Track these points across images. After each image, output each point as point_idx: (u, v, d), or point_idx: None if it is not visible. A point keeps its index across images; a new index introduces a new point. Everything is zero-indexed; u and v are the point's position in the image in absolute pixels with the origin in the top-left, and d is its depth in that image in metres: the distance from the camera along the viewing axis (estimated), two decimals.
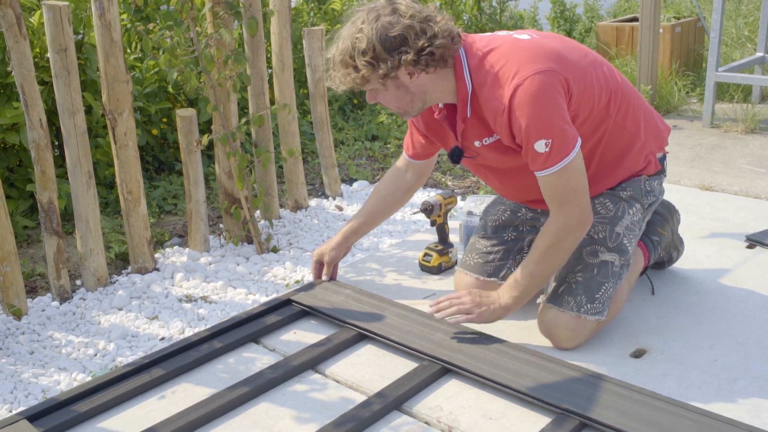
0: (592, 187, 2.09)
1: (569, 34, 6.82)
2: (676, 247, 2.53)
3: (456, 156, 2.17)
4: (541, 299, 2.16)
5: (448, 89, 2.02)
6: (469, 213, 2.83)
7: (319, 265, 2.56)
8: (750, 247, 2.79)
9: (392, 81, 1.97)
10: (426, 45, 1.90)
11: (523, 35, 2.02)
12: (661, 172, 2.21)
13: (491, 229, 2.37)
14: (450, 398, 1.94)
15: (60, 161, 3.39)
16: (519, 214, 2.34)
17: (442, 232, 2.72)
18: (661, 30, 5.10)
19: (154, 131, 3.83)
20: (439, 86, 2.01)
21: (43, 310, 2.61)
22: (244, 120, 3.00)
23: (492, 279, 2.33)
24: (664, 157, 2.23)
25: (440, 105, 2.12)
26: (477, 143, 2.10)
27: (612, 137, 2.09)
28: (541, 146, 1.89)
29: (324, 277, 2.54)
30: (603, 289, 2.08)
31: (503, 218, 2.36)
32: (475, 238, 2.40)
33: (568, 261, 2.10)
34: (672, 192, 3.43)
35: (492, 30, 5.77)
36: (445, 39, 1.92)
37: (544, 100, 1.88)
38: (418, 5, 1.95)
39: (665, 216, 2.44)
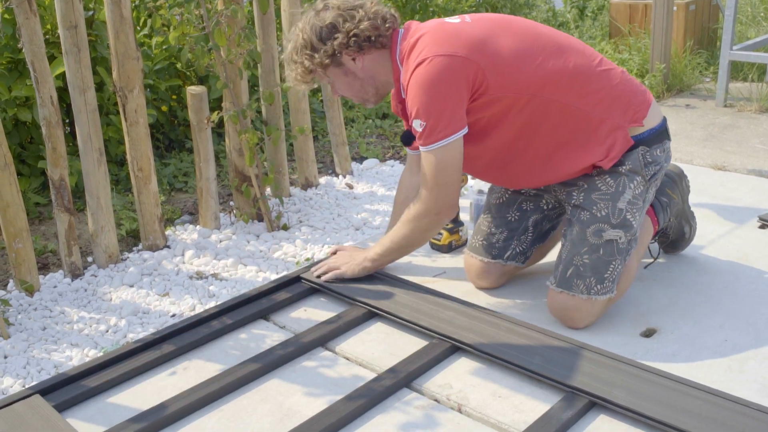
0: (558, 167, 2.11)
1: (582, 11, 6.75)
2: (687, 220, 2.49)
3: (406, 139, 2.30)
4: (549, 282, 2.16)
5: (390, 70, 2.18)
6: (480, 191, 2.82)
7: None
8: (762, 227, 2.77)
9: (338, 68, 2.17)
10: (353, 28, 2.10)
11: (454, 19, 2.12)
12: (663, 139, 2.15)
13: (494, 209, 2.36)
14: (459, 376, 1.95)
15: (71, 138, 3.40)
16: (522, 192, 2.33)
17: None
18: (675, 8, 5.04)
19: (164, 108, 3.82)
20: (382, 69, 2.18)
21: (55, 287, 2.63)
22: (254, 97, 2.99)
23: (497, 261, 2.33)
24: (663, 124, 2.16)
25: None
26: None
27: (560, 117, 2.06)
28: (417, 125, 2.03)
29: None
30: (611, 267, 2.08)
31: (506, 196, 2.35)
32: (481, 218, 2.40)
33: (572, 243, 2.11)
34: (684, 171, 3.40)
35: (504, 6, 5.71)
36: (371, 21, 2.11)
37: (433, 83, 1.98)
38: None
39: (674, 178, 2.42)
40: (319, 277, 2.40)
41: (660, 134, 2.15)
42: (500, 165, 2.18)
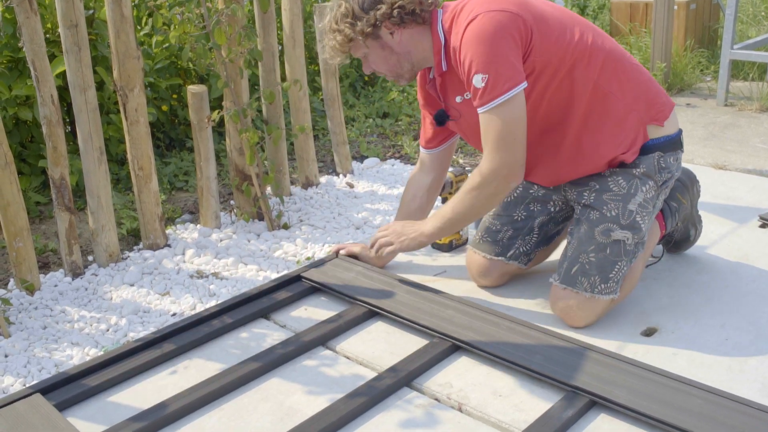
0: (583, 153, 2.10)
1: (582, 10, 6.75)
2: (694, 224, 2.49)
3: (440, 118, 2.27)
4: (553, 279, 2.16)
5: (428, 47, 2.15)
6: None
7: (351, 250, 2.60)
8: (763, 226, 2.77)
9: (375, 41, 2.13)
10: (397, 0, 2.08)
11: None
12: (677, 148, 2.18)
13: (501, 206, 2.36)
14: (460, 375, 1.95)
15: (72, 137, 3.40)
16: (531, 191, 2.33)
17: None
18: (675, 7, 5.04)
19: (164, 107, 3.82)
20: (420, 44, 2.15)
21: (56, 286, 2.63)
22: (255, 96, 2.99)
23: (499, 258, 2.33)
24: (679, 133, 2.20)
25: (431, 76, 2.22)
26: (458, 98, 2.16)
27: (593, 98, 2.07)
28: (478, 80, 1.96)
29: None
30: (616, 268, 2.08)
31: (514, 194, 2.35)
32: (487, 216, 2.39)
33: (580, 241, 2.11)
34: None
35: None
36: None
37: (489, 35, 1.95)
38: None
39: (685, 183, 2.41)
40: (377, 252, 2.34)
41: (675, 143, 2.17)
42: (528, 141, 2.12)
